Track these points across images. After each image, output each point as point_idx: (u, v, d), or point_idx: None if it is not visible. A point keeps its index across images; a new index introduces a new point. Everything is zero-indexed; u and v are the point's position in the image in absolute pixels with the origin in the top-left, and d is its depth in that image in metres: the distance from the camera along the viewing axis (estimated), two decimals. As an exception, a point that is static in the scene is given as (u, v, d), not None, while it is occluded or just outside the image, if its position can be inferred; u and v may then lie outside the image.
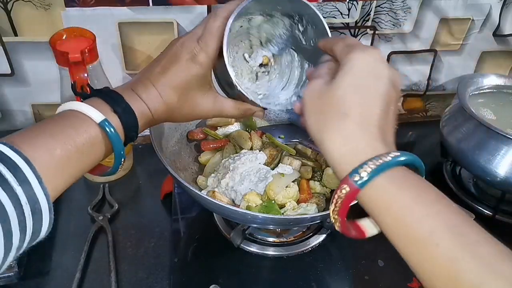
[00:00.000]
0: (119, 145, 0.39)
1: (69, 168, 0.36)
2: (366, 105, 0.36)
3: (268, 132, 0.73)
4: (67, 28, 0.63)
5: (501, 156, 0.67)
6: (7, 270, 0.57)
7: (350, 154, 0.35)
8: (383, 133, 0.36)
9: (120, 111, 0.39)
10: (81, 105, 0.38)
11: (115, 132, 0.38)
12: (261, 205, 0.61)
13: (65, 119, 0.37)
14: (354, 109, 0.36)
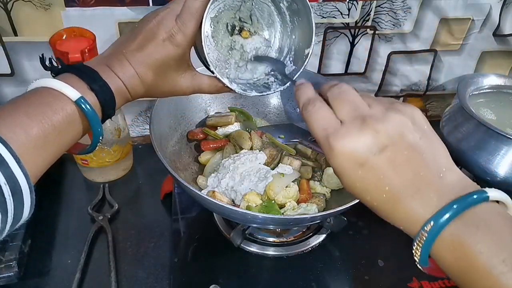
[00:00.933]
0: (96, 123, 0.38)
1: (47, 147, 0.35)
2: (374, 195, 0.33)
3: (268, 132, 0.73)
4: (67, 28, 0.63)
5: (501, 156, 0.67)
6: (7, 270, 0.57)
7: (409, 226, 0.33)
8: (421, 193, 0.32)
9: (97, 89, 0.38)
10: (56, 82, 0.36)
11: (92, 110, 0.37)
12: (261, 205, 0.61)
13: (39, 97, 0.36)
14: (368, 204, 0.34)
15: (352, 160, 0.33)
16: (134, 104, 0.82)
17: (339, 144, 0.33)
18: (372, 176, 0.33)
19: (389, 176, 0.32)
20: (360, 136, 0.32)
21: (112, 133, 0.71)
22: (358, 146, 0.32)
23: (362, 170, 0.33)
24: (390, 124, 0.33)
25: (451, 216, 0.30)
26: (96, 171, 0.75)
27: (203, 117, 0.76)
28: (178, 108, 0.71)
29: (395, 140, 0.32)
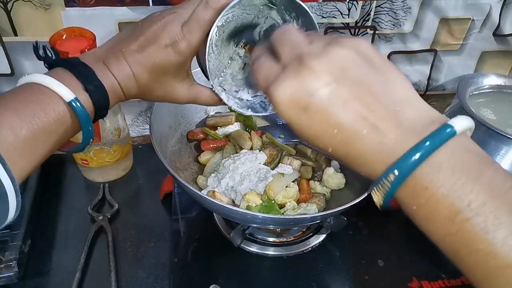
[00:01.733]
0: (88, 124, 0.37)
1: (36, 148, 0.34)
2: (326, 141, 0.31)
3: (268, 132, 0.73)
4: (67, 28, 0.63)
5: (501, 156, 0.67)
6: (7, 270, 0.57)
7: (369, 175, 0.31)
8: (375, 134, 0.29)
9: (91, 89, 0.36)
10: (49, 80, 0.34)
11: (85, 111, 0.36)
12: (261, 205, 0.61)
13: (30, 95, 0.34)
14: (325, 149, 0.31)
15: (294, 106, 0.30)
16: (134, 104, 0.82)
17: (278, 91, 0.30)
18: (318, 119, 0.30)
19: (336, 116, 0.29)
20: (297, 77, 0.30)
21: (112, 133, 0.71)
22: (296, 89, 0.29)
23: (307, 115, 0.30)
24: (329, 59, 0.29)
25: (416, 162, 0.27)
26: (96, 171, 0.75)
27: (203, 117, 0.76)
28: (178, 108, 0.71)
29: (336, 75, 0.29)
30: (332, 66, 0.29)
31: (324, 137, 0.30)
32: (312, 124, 0.30)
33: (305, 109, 0.30)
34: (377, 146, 0.29)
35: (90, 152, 0.72)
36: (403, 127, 0.29)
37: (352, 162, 0.31)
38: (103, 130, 0.70)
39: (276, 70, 0.32)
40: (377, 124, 0.29)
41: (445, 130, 0.29)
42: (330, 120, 0.29)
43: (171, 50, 0.40)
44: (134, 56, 0.39)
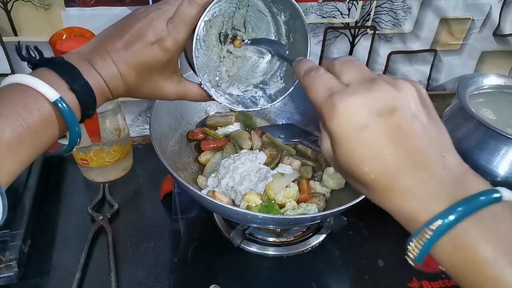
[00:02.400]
0: (74, 124, 0.36)
1: (21, 151, 0.33)
2: (374, 164, 0.30)
3: (268, 132, 0.74)
4: (67, 28, 0.63)
5: (501, 156, 0.67)
6: (7, 270, 0.57)
7: (409, 221, 0.30)
8: (423, 171, 0.29)
9: (77, 89, 0.36)
10: (33, 80, 0.33)
11: (70, 111, 0.35)
12: (261, 205, 0.61)
13: (13, 96, 0.33)
14: (366, 176, 0.30)
15: (356, 121, 0.29)
16: (134, 104, 0.82)
17: (344, 101, 0.30)
18: (375, 141, 0.29)
19: (393, 143, 0.29)
20: (368, 94, 0.30)
21: (112, 133, 0.71)
22: (365, 104, 0.29)
23: (366, 133, 0.29)
24: (400, 89, 0.30)
25: (461, 216, 0.27)
26: (96, 171, 0.75)
27: (203, 117, 0.76)
28: (178, 108, 0.71)
29: (403, 105, 0.30)
30: (401, 95, 0.30)
31: (373, 161, 0.30)
32: (367, 144, 0.29)
33: (366, 126, 0.29)
34: (423, 192, 0.29)
35: (90, 152, 0.72)
36: (447, 176, 0.29)
37: (391, 199, 0.30)
38: (103, 130, 0.70)
39: (338, 83, 0.32)
40: (427, 166, 0.29)
41: (492, 194, 0.28)
42: (386, 145, 0.29)
43: (157, 47, 0.39)
44: (120, 55, 0.39)
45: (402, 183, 0.29)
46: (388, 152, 0.29)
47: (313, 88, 0.33)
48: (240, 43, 0.47)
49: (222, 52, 0.47)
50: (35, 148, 0.34)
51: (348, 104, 0.30)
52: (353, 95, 0.30)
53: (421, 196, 0.29)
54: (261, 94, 0.48)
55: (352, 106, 0.29)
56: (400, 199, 0.30)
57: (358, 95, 0.30)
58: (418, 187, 0.29)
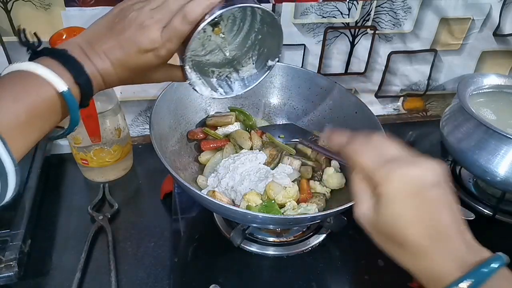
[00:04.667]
0: (76, 113, 0.39)
1: (30, 133, 0.36)
2: (420, 227, 0.35)
3: (268, 132, 0.74)
4: (67, 28, 0.63)
5: (501, 156, 0.67)
6: (7, 270, 0.57)
7: (433, 280, 0.35)
8: (456, 241, 0.35)
9: (82, 82, 0.38)
10: (45, 71, 0.36)
11: (75, 102, 0.38)
12: (261, 205, 0.61)
13: (25, 82, 0.36)
14: (411, 237, 0.35)
15: (409, 188, 0.34)
16: (134, 104, 0.82)
17: (402, 169, 0.35)
18: (423, 207, 0.34)
19: (436, 212, 0.35)
20: (420, 167, 0.35)
21: (112, 133, 0.71)
22: (418, 175, 0.35)
23: (416, 199, 0.34)
24: (437, 167, 0.36)
25: (488, 274, 0.32)
26: (96, 171, 0.75)
27: (203, 117, 0.76)
28: (178, 108, 0.71)
29: (441, 182, 0.36)
30: (440, 173, 0.36)
31: (418, 225, 0.35)
32: (416, 209, 0.35)
33: (417, 194, 0.34)
34: (451, 255, 0.34)
35: (90, 152, 0.72)
36: (471, 244, 0.35)
37: (419, 258, 0.35)
38: (103, 130, 0.70)
39: (388, 156, 0.37)
40: (454, 236, 0.35)
41: (498, 260, 0.33)
42: (431, 212, 0.35)
43: (152, 55, 0.41)
44: (116, 56, 0.40)
45: (435, 249, 0.34)
46: (430, 220, 0.34)
47: (366, 154, 0.37)
48: (219, 31, 0.47)
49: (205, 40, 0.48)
50: (40, 131, 0.38)
51: (404, 172, 0.35)
52: (409, 166, 0.35)
53: (448, 261, 0.34)
54: (235, 77, 0.50)
55: (407, 176, 0.35)
56: (430, 262, 0.34)
57: (413, 167, 0.35)
58: (447, 254, 0.34)
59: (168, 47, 0.40)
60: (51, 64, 0.37)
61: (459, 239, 0.34)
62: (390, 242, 0.37)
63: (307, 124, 0.78)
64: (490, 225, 0.74)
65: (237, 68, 0.50)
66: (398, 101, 0.97)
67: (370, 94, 0.93)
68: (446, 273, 0.34)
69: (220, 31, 0.47)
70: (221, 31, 0.48)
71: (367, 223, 0.38)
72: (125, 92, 0.80)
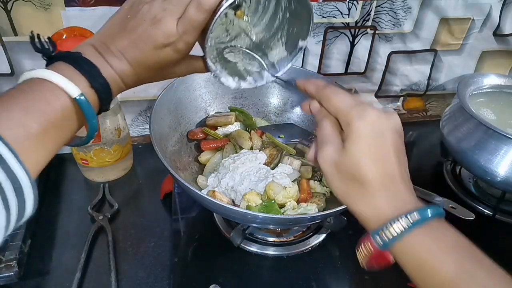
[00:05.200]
0: (94, 119, 0.37)
1: (46, 144, 0.34)
2: (380, 166, 0.37)
3: (268, 132, 0.74)
4: (67, 28, 0.63)
5: (501, 156, 0.67)
6: (7, 270, 0.57)
7: (375, 217, 0.38)
8: (403, 182, 0.38)
9: (97, 87, 0.37)
10: (56, 77, 0.34)
11: (90, 108, 0.36)
12: (261, 205, 0.61)
13: (37, 91, 0.34)
14: (370, 174, 0.37)
15: (379, 127, 0.38)
16: (134, 104, 0.82)
17: (373, 110, 0.38)
18: (385, 148, 0.38)
19: (393, 155, 0.38)
20: (387, 113, 0.39)
21: (112, 133, 0.71)
22: (387, 118, 0.38)
23: (381, 139, 0.38)
24: (399, 119, 0.40)
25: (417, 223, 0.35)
26: (96, 171, 0.75)
27: (203, 117, 0.76)
28: (178, 108, 0.71)
29: (401, 131, 0.39)
30: (400, 122, 0.39)
31: (377, 164, 0.37)
32: (379, 147, 0.38)
33: (383, 135, 0.38)
34: (405, 194, 0.38)
35: (90, 152, 0.72)
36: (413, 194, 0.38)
37: (375, 196, 0.38)
38: (103, 130, 0.70)
39: (354, 100, 0.39)
40: (408, 179, 0.39)
41: (438, 209, 0.37)
42: (390, 155, 0.38)
43: (170, 49, 0.39)
44: (132, 55, 0.39)
45: (385, 189, 0.37)
46: (392, 160, 0.38)
47: (340, 96, 0.40)
48: (242, 14, 0.45)
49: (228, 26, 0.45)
50: (57, 141, 0.36)
51: (376, 112, 0.38)
52: (379, 110, 0.38)
53: (393, 201, 0.37)
54: (265, 62, 0.47)
55: (378, 115, 0.38)
56: (377, 200, 0.37)
57: (382, 111, 0.38)
58: (393, 195, 0.37)
59: (185, 39, 0.38)
60: (64, 69, 0.36)
61: (407, 186, 0.38)
62: (349, 182, 0.38)
63: (307, 124, 0.78)
64: (490, 225, 0.74)
65: (266, 53, 0.47)
66: (398, 101, 0.97)
67: (370, 94, 0.93)
68: (387, 212, 0.37)
69: (243, 14, 0.44)
70: (244, 14, 0.44)
71: (330, 165, 0.39)
72: (125, 92, 0.79)
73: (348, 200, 0.40)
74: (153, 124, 0.61)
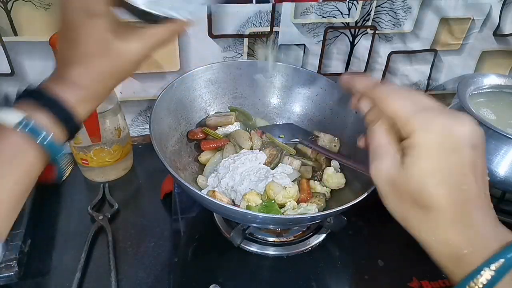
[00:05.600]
0: (59, 155, 0.36)
1: (18, 203, 0.35)
2: (450, 190, 0.30)
3: (268, 132, 0.74)
4: (67, 28, 0.63)
5: (501, 156, 0.67)
6: (7, 270, 0.57)
7: (445, 252, 0.30)
8: (482, 213, 0.30)
9: (70, 128, 0.36)
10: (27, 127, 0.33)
11: (60, 149, 0.35)
12: (261, 205, 0.61)
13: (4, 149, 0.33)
14: (436, 200, 0.30)
15: (447, 143, 0.30)
16: (134, 104, 0.82)
17: (441, 120, 0.31)
18: (458, 169, 0.30)
19: (470, 177, 0.31)
20: (462, 122, 0.31)
21: (112, 133, 0.71)
22: (460, 130, 0.31)
23: (453, 158, 0.30)
24: (479, 127, 0.33)
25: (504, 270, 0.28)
26: (96, 171, 0.75)
27: (203, 117, 0.76)
28: (178, 108, 0.71)
29: (480, 144, 0.32)
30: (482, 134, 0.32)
31: (447, 187, 0.30)
32: (451, 167, 0.30)
33: (456, 151, 0.30)
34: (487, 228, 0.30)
35: (90, 152, 0.72)
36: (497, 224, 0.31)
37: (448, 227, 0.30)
38: (103, 130, 0.70)
39: (416, 105, 0.32)
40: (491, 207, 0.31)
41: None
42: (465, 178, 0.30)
43: (113, 57, 0.36)
44: (89, 77, 0.36)
45: (471, 218, 0.29)
46: (467, 182, 0.30)
47: (398, 99, 0.32)
48: None
49: None
50: (19, 183, 0.35)
51: (445, 122, 0.30)
52: (450, 118, 0.30)
53: (482, 235, 0.29)
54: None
55: (448, 127, 0.30)
56: (451, 235, 0.30)
57: (454, 120, 0.30)
58: (482, 225, 0.29)
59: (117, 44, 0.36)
60: (37, 117, 0.34)
61: (488, 215, 0.30)
62: (410, 205, 0.31)
63: (307, 124, 0.78)
64: (490, 225, 0.74)
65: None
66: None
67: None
68: (461, 245, 0.29)
69: None
70: None
71: (386, 184, 0.32)
72: (125, 92, 0.80)
73: (409, 226, 0.32)
74: (153, 124, 0.61)
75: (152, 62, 0.77)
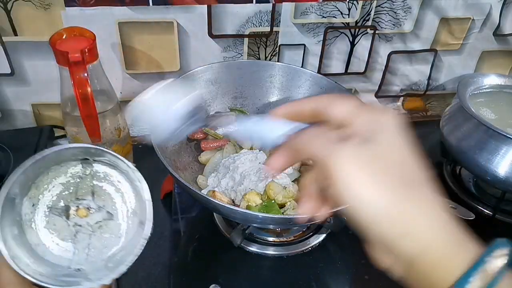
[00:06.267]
0: None
1: None
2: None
3: (268, 132, 0.73)
4: (67, 28, 0.63)
5: (501, 156, 0.67)
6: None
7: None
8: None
9: None
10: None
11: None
12: (261, 205, 0.61)
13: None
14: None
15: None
16: (134, 104, 0.82)
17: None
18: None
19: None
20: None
21: (112, 133, 0.71)
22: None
23: None
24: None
25: None
26: (96, 171, 0.75)
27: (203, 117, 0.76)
28: (178, 108, 0.71)
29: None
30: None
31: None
32: None
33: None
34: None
35: (90, 152, 0.72)
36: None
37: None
38: (103, 130, 0.69)
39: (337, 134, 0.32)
40: None
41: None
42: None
43: None
44: None
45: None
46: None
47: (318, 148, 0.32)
48: (84, 212, 0.41)
49: (71, 228, 0.40)
50: None
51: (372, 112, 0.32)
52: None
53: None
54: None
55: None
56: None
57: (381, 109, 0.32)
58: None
59: None
60: None
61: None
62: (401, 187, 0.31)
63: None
64: (490, 225, 0.74)
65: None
66: (398, 101, 0.97)
67: (370, 94, 0.93)
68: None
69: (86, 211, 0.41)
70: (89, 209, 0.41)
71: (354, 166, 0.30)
72: (125, 92, 0.80)
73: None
74: (153, 124, 0.61)
75: (152, 62, 0.77)
